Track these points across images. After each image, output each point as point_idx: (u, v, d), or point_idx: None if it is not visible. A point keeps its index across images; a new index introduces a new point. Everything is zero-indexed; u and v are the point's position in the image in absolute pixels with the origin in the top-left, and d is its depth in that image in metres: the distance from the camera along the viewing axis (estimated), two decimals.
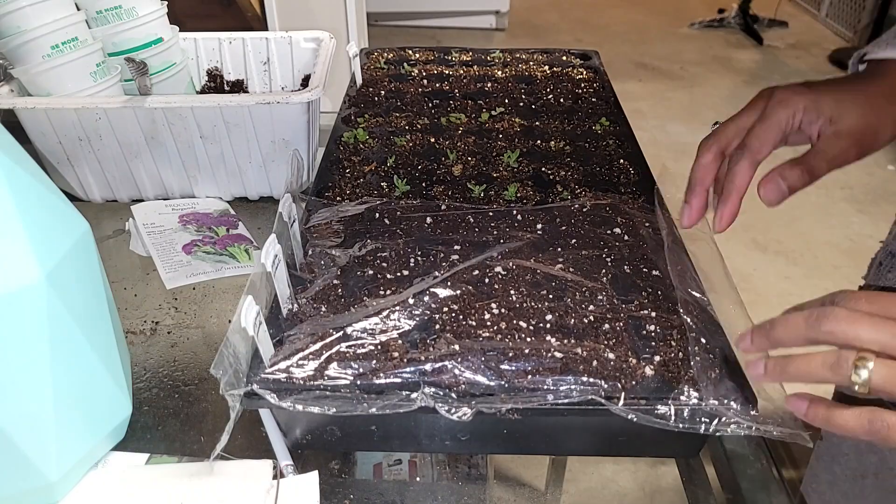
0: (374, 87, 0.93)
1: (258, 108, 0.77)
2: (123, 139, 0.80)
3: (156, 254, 0.74)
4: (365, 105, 0.89)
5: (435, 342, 0.50)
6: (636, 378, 0.47)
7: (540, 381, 0.46)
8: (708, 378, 0.47)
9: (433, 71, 0.97)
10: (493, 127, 0.83)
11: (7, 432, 0.43)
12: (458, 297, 0.54)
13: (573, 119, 0.85)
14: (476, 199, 0.69)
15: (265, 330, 0.49)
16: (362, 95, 0.91)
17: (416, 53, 1.04)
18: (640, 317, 0.52)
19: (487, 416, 0.45)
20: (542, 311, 0.52)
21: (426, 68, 0.98)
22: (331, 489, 0.51)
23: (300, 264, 0.60)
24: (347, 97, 0.91)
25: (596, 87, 0.94)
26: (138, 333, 0.66)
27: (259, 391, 0.46)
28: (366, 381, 0.47)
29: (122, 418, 0.53)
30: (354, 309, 0.53)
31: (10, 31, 0.75)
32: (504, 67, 0.99)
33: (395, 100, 0.89)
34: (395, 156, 0.76)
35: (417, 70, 0.98)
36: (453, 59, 1.02)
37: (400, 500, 0.51)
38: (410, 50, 1.05)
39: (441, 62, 1.01)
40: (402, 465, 0.54)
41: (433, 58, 1.03)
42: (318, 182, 0.72)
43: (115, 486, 0.50)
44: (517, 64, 1.00)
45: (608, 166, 0.75)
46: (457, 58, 1.03)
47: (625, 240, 0.62)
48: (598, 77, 0.97)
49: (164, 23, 0.87)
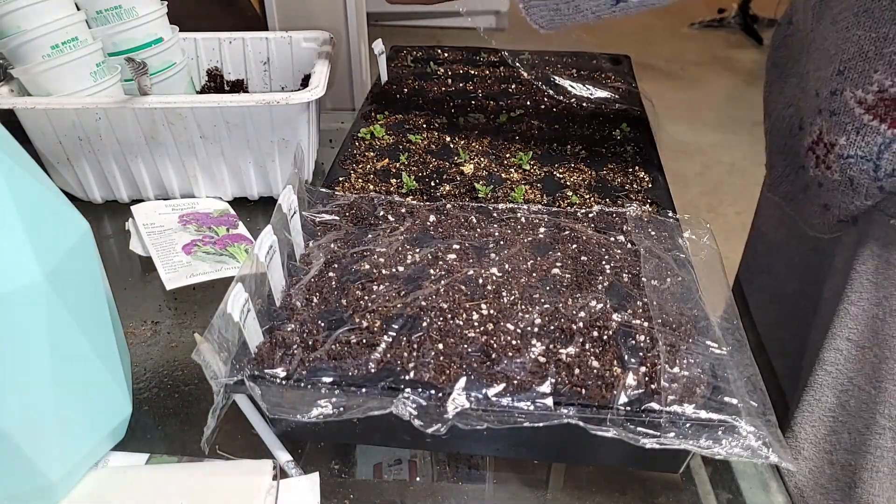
0: (398, 85, 0.93)
1: (258, 108, 0.77)
2: (123, 139, 0.80)
3: (156, 254, 0.74)
4: (387, 102, 0.89)
5: (420, 340, 0.50)
6: (617, 387, 0.46)
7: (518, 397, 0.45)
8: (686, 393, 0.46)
9: (459, 70, 0.97)
10: (511, 128, 0.83)
11: (7, 432, 0.43)
12: (449, 297, 0.54)
13: (593, 123, 0.85)
14: (482, 199, 0.69)
15: (254, 318, 0.49)
16: (385, 93, 0.91)
17: (445, 53, 1.05)
18: (631, 326, 0.51)
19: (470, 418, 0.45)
20: (532, 314, 0.52)
21: (452, 68, 0.98)
22: (331, 489, 0.51)
23: (300, 256, 0.60)
24: (371, 94, 0.91)
25: (622, 91, 0.93)
26: (138, 333, 0.66)
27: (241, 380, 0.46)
28: (347, 380, 0.47)
29: (122, 418, 0.52)
30: (345, 303, 0.53)
31: (10, 31, 0.75)
32: (531, 69, 0.98)
33: (416, 98, 0.90)
34: (408, 153, 0.77)
35: (443, 69, 0.98)
36: (481, 60, 1.02)
37: (400, 500, 0.51)
38: (440, 49, 1.05)
39: (468, 62, 1.01)
40: (402, 465, 0.54)
41: (461, 57, 1.03)
42: (329, 176, 0.73)
43: (115, 486, 0.50)
44: (544, 66, 1.00)
45: (622, 173, 0.74)
46: (485, 58, 1.03)
47: (627, 248, 0.61)
48: (625, 81, 0.96)
49: (164, 23, 0.87)
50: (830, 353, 0.67)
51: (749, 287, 0.90)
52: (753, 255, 0.90)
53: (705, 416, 0.44)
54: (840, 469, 0.69)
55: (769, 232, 0.84)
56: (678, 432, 0.44)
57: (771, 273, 0.85)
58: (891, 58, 0.56)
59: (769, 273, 0.85)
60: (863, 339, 0.65)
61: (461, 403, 0.45)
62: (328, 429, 0.51)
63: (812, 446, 0.70)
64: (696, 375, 0.47)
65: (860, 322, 0.65)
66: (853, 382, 0.67)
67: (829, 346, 0.67)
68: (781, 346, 0.83)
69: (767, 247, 0.85)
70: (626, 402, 0.45)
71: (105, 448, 0.52)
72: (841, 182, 0.62)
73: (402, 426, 0.46)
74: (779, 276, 0.83)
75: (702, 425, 0.44)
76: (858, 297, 0.65)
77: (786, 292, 0.81)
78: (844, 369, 0.67)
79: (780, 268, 0.83)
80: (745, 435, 0.44)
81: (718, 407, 0.45)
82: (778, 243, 0.82)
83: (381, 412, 0.45)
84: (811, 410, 0.70)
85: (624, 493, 0.52)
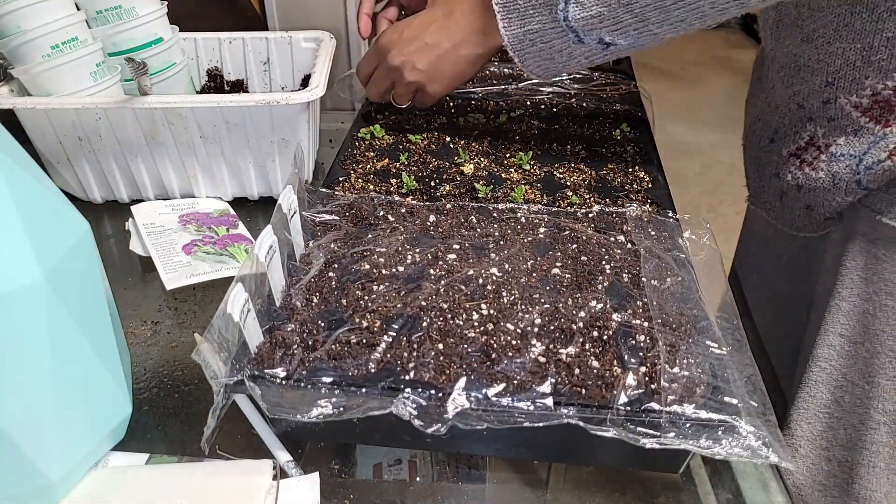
0: None
1: (258, 108, 0.77)
2: (123, 139, 0.80)
3: (156, 254, 0.74)
4: (387, 102, 0.89)
5: (420, 340, 0.50)
6: (617, 387, 0.46)
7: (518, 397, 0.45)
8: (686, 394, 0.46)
9: None
10: (511, 128, 0.83)
11: (7, 432, 0.43)
12: (449, 297, 0.54)
13: (593, 123, 0.85)
14: (482, 199, 0.69)
15: (254, 318, 0.49)
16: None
17: None
18: (631, 326, 0.51)
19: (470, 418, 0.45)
20: (532, 314, 0.52)
21: None
22: (331, 489, 0.51)
23: (300, 256, 0.60)
24: None
25: (622, 92, 0.93)
26: (138, 333, 0.66)
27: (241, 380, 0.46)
28: (347, 380, 0.47)
29: (122, 418, 0.52)
30: (345, 303, 0.53)
31: (10, 31, 0.75)
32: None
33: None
34: (408, 153, 0.77)
35: None
36: None
37: (400, 500, 0.51)
38: None
39: None
40: (402, 465, 0.54)
41: None
42: (329, 176, 0.73)
43: (115, 486, 0.50)
44: None
45: (622, 173, 0.74)
46: None
47: (627, 248, 0.61)
48: (625, 81, 0.96)
49: (164, 23, 0.87)
50: (824, 349, 0.68)
51: (746, 285, 0.91)
52: (745, 253, 0.90)
53: (705, 416, 0.44)
54: (837, 465, 0.69)
55: (759, 231, 0.85)
56: (678, 432, 0.44)
57: (763, 271, 0.86)
58: (879, 64, 0.57)
59: (762, 272, 0.86)
60: (855, 334, 0.66)
61: (461, 403, 0.45)
62: (328, 429, 0.51)
63: (809, 443, 0.71)
64: (696, 375, 0.47)
65: (852, 318, 0.66)
66: (847, 378, 0.67)
67: (822, 343, 0.68)
68: (779, 345, 0.83)
69: (758, 245, 0.86)
70: (626, 402, 0.45)
71: (105, 448, 0.52)
72: (825, 180, 0.64)
73: (402, 426, 0.46)
74: (771, 275, 0.84)
75: (702, 425, 0.44)
76: (849, 293, 0.65)
77: (780, 290, 0.82)
78: (838, 365, 0.67)
79: (772, 266, 0.83)
80: (745, 435, 0.44)
81: (718, 407, 0.45)
82: (768, 242, 0.83)
83: (381, 412, 0.45)
84: (807, 407, 0.70)
85: (624, 493, 0.52)
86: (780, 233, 0.75)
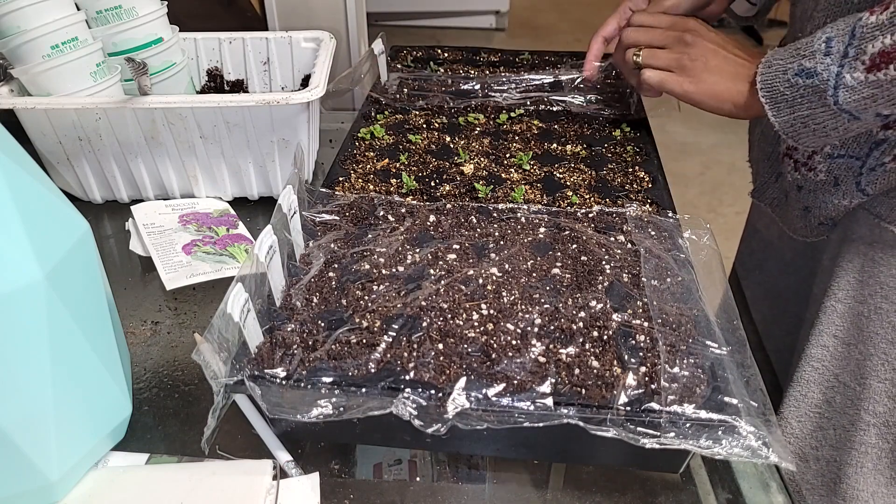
0: (398, 85, 0.93)
1: (258, 108, 0.77)
2: (123, 139, 0.80)
3: (156, 254, 0.74)
4: (386, 102, 0.89)
5: (420, 340, 0.50)
6: (617, 387, 0.46)
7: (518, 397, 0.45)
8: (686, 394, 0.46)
9: (459, 70, 0.97)
10: (511, 129, 0.83)
11: (7, 432, 0.43)
12: (450, 297, 0.54)
13: (594, 124, 0.85)
14: (482, 199, 0.69)
15: (254, 318, 0.49)
16: (385, 93, 0.91)
17: (445, 53, 1.04)
18: (631, 326, 0.51)
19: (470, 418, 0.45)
20: (532, 314, 0.52)
21: (452, 68, 0.98)
22: (331, 489, 0.51)
23: (300, 256, 0.60)
24: (370, 94, 0.91)
25: (622, 91, 0.93)
26: (138, 333, 0.66)
27: (241, 380, 0.46)
28: (347, 380, 0.47)
29: (122, 418, 0.53)
30: (346, 303, 0.53)
31: (10, 31, 0.75)
32: (531, 70, 0.98)
33: (416, 98, 0.89)
34: (408, 153, 0.77)
35: (444, 69, 0.98)
36: (481, 60, 1.02)
37: (400, 500, 0.51)
38: (440, 49, 1.05)
39: (468, 62, 1.01)
40: (402, 465, 0.54)
41: (461, 57, 1.03)
42: (329, 176, 0.73)
43: (115, 486, 0.50)
44: (545, 66, 1.00)
45: (622, 173, 0.74)
46: (485, 58, 1.03)
47: (627, 248, 0.61)
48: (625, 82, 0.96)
49: (164, 23, 0.87)
50: (817, 349, 0.68)
51: (746, 284, 0.91)
52: (748, 252, 0.91)
53: (705, 416, 0.44)
54: (825, 464, 0.69)
55: (763, 229, 0.85)
56: (678, 432, 0.44)
57: (765, 270, 0.86)
58: None
59: (763, 270, 0.86)
60: (848, 335, 0.66)
61: (461, 403, 0.45)
62: (328, 429, 0.51)
63: (798, 441, 0.71)
64: (696, 375, 0.47)
65: (846, 319, 0.66)
66: (839, 379, 0.67)
67: (815, 343, 0.68)
68: (777, 343, 0.84)
69: (761, 244, 0.86)
70: (626, 402, 0.45)
71: (105, 448, 0.52)
72: (825, 182, 0.64)
73: (402, 426, 0.46)
74: (772, 274, 0.84)
75: (702, 425, 0.44)
76: (845, 294, 0.66)
77: (779, 289, 0.82)
78: (830, 366, 0.68)
79: (773, 265, 0.83)
80: (745, 435, 0.44)
81: (718, 407, 0.45)
82: (771, 241, 0.83)
83: (381, 412, 0.45)
84: (798, 406, 0.70)
85: (624, 493, 0.52)
86: (784, 233, 0.75)
